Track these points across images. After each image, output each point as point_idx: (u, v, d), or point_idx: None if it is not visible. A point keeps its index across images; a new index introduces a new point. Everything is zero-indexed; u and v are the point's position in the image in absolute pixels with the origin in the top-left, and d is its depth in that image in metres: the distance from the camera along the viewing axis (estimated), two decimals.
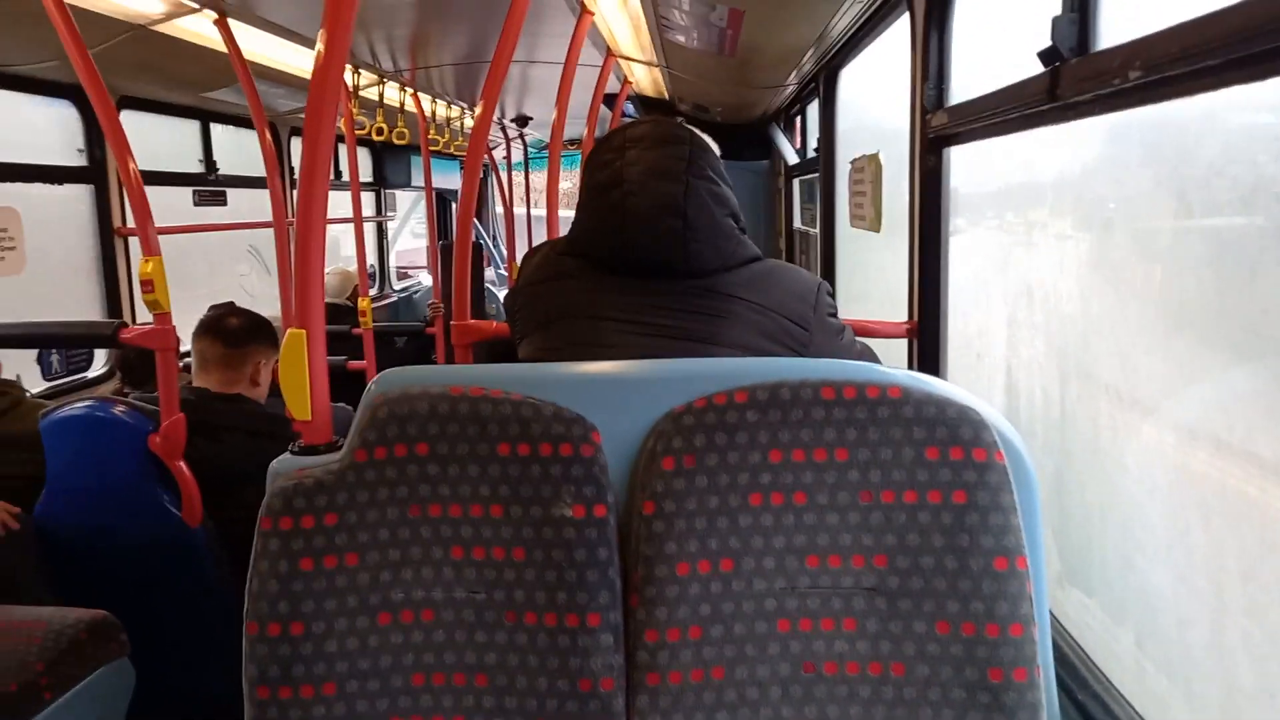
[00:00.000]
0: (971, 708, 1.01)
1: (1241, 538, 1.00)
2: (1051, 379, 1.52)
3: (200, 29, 2.87)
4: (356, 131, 4.01)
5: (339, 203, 4.87)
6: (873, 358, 1.44)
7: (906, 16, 1.97)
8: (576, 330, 1.29)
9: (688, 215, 1.25)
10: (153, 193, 2.15)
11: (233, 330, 2.35)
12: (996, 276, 1.79)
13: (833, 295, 1.37)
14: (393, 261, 7.23)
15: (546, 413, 1.07)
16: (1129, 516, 1.26)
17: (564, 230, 1.42)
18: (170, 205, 3.96)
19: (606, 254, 1.29)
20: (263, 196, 3.33)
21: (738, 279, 1.27)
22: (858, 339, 1.45)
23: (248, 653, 1.05)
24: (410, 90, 4.47)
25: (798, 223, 4.80)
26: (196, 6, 2.67)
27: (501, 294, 7.43)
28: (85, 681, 1.71)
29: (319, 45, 1.16)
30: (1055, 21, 1.24)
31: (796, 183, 4.78)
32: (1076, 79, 1.19)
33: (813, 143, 4.02)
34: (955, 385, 1.09)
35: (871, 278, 2.93)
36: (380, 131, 4.27)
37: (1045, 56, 1.28)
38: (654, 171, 1.28)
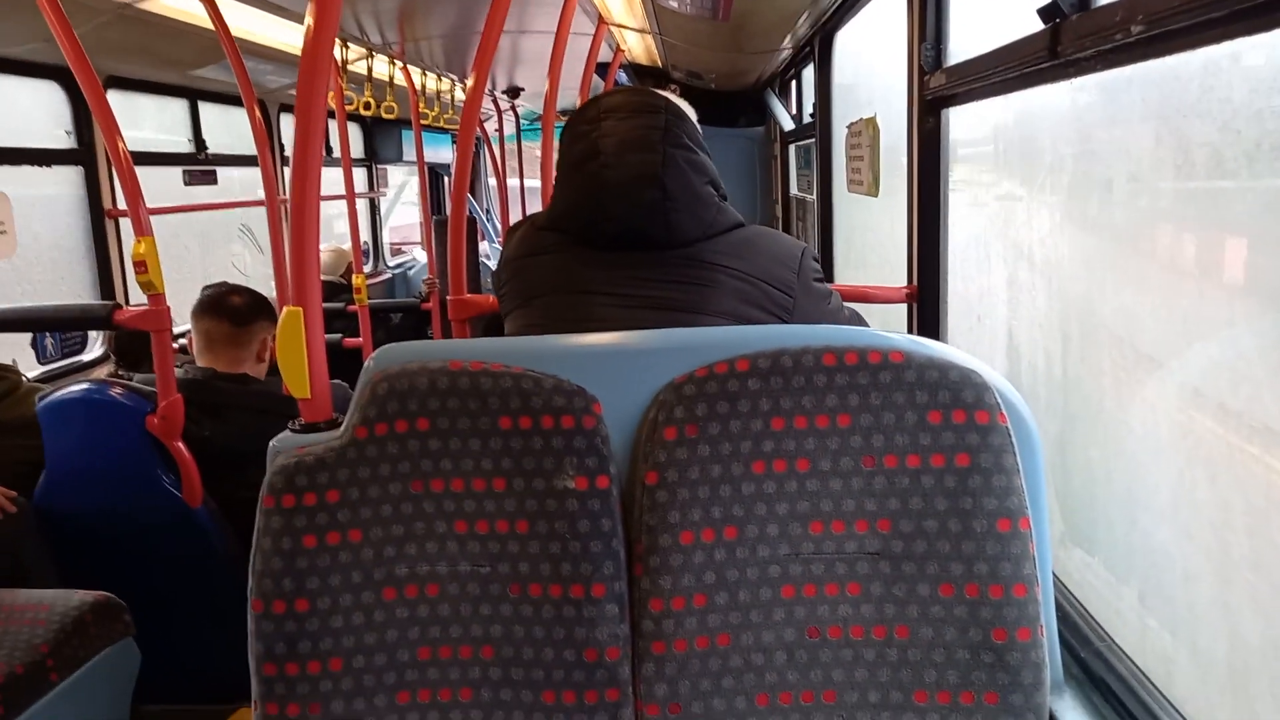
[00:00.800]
0: (976, 668, 1.02)
1: (1246, 493, 1.00)
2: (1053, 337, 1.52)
3: (187, 6, 2.82)
4: (346, 106, 3.96)
5: (331, 180, 4.83)
6: (861, 323, 1.43)
7: None
8: (560, 305, 1.28)
9: (666, 185, 1.24)
10: (143, 174, 2.13)
11: (238, 308, 2.34)
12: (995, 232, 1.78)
13: (818, 261, 1.36)
14: (387, 237, 7.19)
15: (547, 385, 1.07)
16: (1132, 474, 1.26)
17: None
18: (161, 186, 3.93)
19: (586, 227, 1.28)
20: (254, 175, 3.30)
21: (720, 247, 1.27)
22: (847, 305, 1.44)
23: (253, 630, 1.05)
24: (400, 63, 4.41)
25: (794, 189, 4.77)
26: None
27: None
28: (91, 662, 1.72)
29: (308, 19, 1.14)
30: None
31: (793, 149, 4.74)
32: (1077, 35, 1.17)
33: (809, 108, 3.99)
34: (956, 348, 1.09)
35: (871, 243, 2.92)
36: (369, 106, 4.23)
37: (1045, 13, 1.26)
38: (630, 142, 1.26)
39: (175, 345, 2.33)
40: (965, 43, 1.75)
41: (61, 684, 1.64)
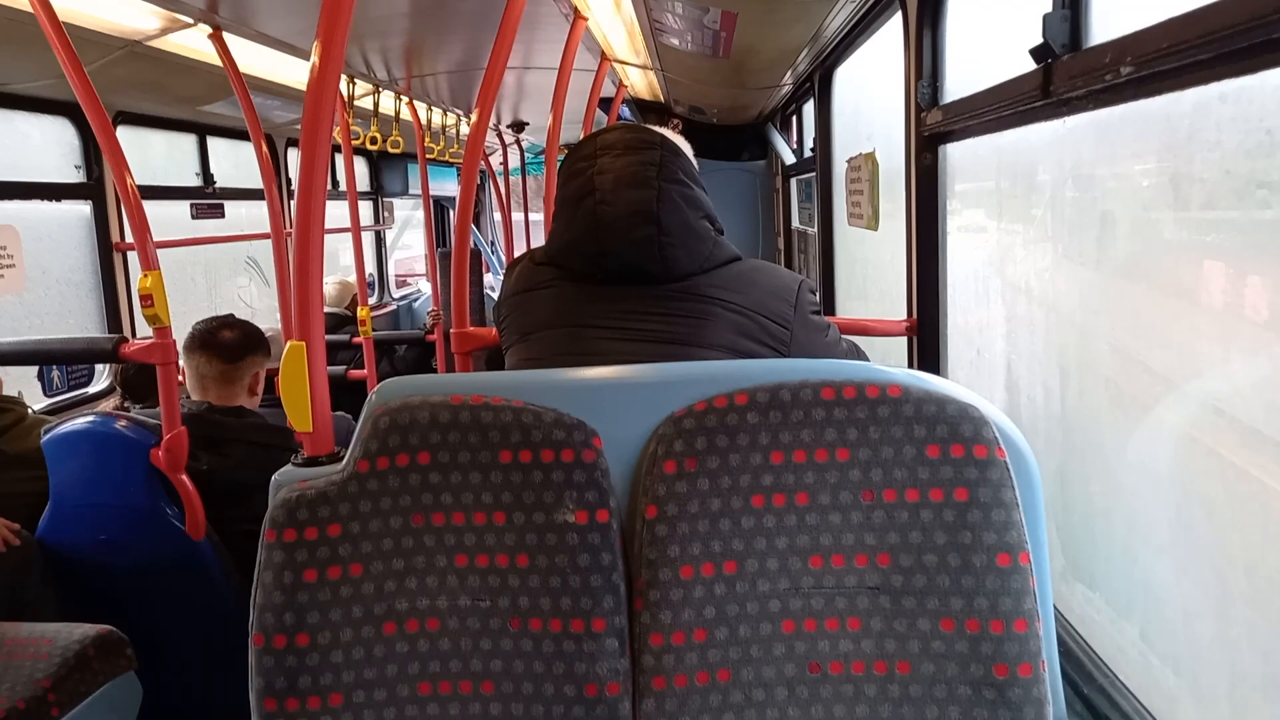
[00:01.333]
0: (977, 704, 1.01)
1: (1244, 530, 1.00)
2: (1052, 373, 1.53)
3: (195, 44, 2.87)
4: (352, 141, 4.01)
5: (336, 213, 4.88)
6: (861, 356, 1.44)
7: (900, 15, 1.98)
8: (558, 340, 1.29)
9: (661, 220, 1.26)
10: (151, 208, 2.16)
11: (228, 344, 2.34)
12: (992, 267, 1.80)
13: (815, 293, 1.37)
14: (392, 270, 7.24)
15: (547, 419, 1.07)
16: (1132, 510, 1.26)
17: None
18: (171, 219, 3.97)
19: (583, 263, 1.30)
20: (260, 208, 3.34)
21: (716, 280, 1.28)
22: (846, 337, 1.45)
23: (254, 664, 1.05)
24: (406, 98, 4.47)
25: (796, 222, 4.81)
26: (191, 22, 2.67)
27: None
28: (92, 697, 1.71)
29: (314, 57, 1.17)
30: (1046, 19, 1.25)
31: (794, 182, 4.78)
32: (1068, 75, 1.20)
33: (809, 142, 4.03)
34: (954, 383, 1.10)
35: (872, 276, 2.93)
36: (375, 140, 4.28)
37: (1037, 53, 1.28)
38: (625, 178, 1.28)
39: (181, 379, 2.34)
40: (961, 82, 1.78)
41: (63, 719, 1.63)
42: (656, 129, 1.39)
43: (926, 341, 1.95)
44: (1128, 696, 1.17)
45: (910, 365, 1.98)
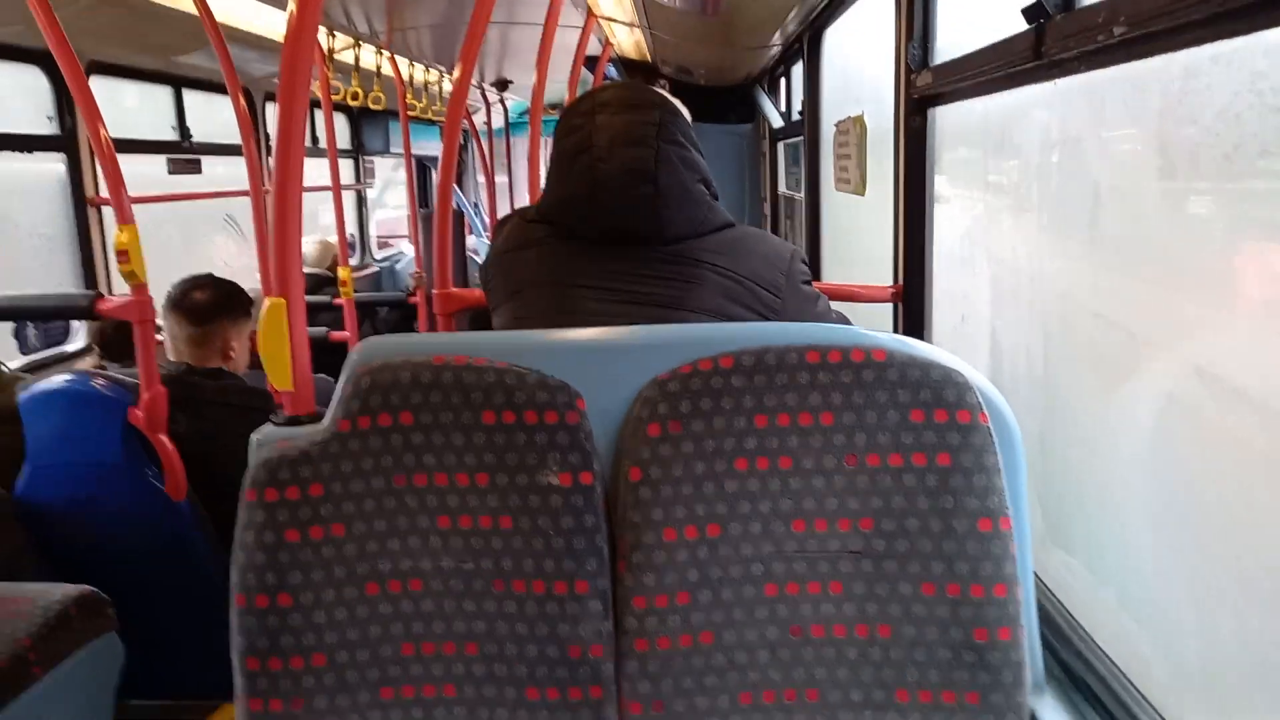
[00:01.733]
0: (957, 667, 1.03)
1: (1221, 496, 1.01)
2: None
3: None
4: (332, 96, 3.94)
5: (316, 171, 4.79)
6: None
7: None
8: (546, 298, 1.28)
9: (659, 181, 1.24)
10: (126, 163, 2.11)
11: (198, 306, 2.29)
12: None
13: (807, 263, 1.36)
14: (373, 230, 7.15)
15: (530, 380, 1.06)
16: (1111, 476, 1.27)
17: None
18: (145, 175, 3.89)
19: (576, 221, 1.28)
20: (238, 164, 3.28)
21: (709, 245, 1.26)
22: (834, 309, 1.44)
23: (236, 624, 1.05)
24: (387, 53, 4.38)
25: (783, 187, 4.78)
26: None
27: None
28: (74, 657, 1.70)
29: (290, 5, 1.13)
30: None
31: (781, 146, 4.74)
32: (1061, 35, 1.18)
33: (797, 105, 3.99)
34: (939, 348, 1.09)
35: (863, 242, 2.92)
36: (356, 96, 4.20)
37: (1029, 13, 1.26)
38: (624, 137, 1.26)
39: (158, 337, 2.30)
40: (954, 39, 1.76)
41: (44, 679, 1.63)
42: (656, 89, 1.37)
43: (912, 307, 1.95)
44: (1104, 660, 1.19)
45: (895, 331, 1.98)
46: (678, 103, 1.36)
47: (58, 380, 2.07)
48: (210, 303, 2.31)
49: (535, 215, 1.34)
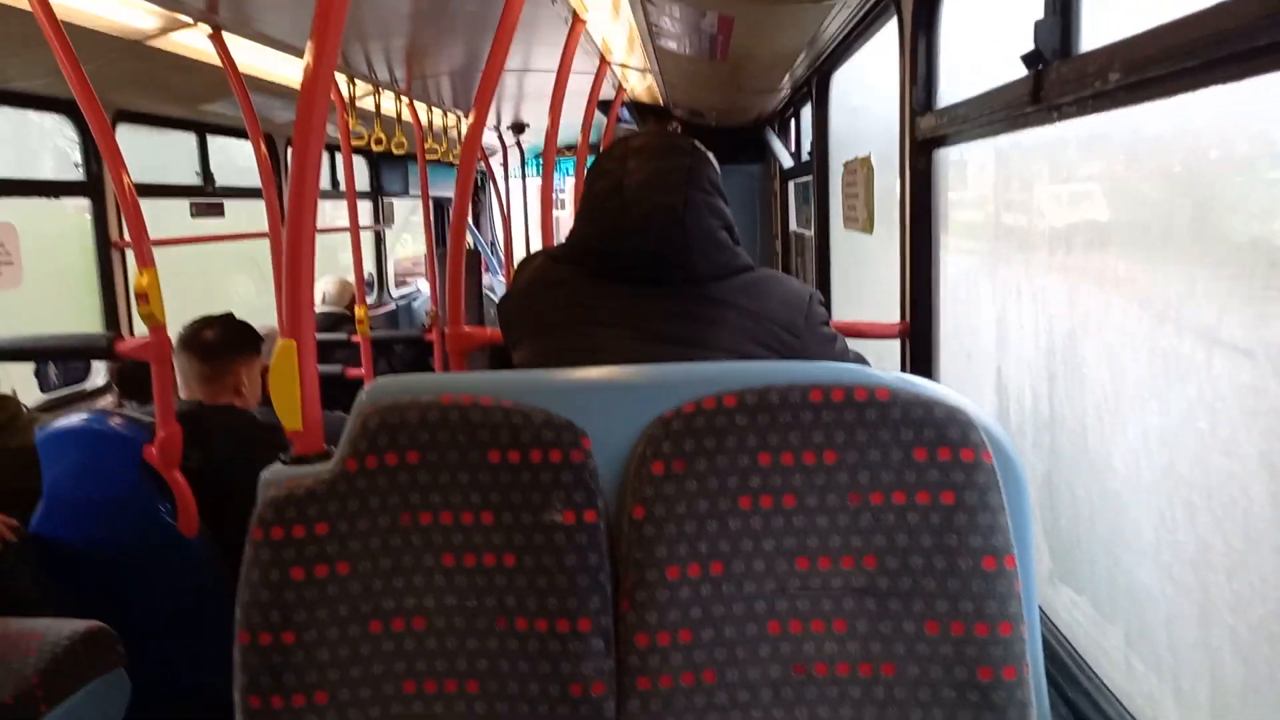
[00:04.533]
0: (961, 706, 1.02)
1: (1225, 534, 1.01)
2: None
3: (195, 43, 2.88)
4: (355, 142, 4.02)
5: (336, 212, 4.87)
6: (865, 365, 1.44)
7: (895, 21, 1.99)
8: (570, 336, 1.29)
9: (686, 225, 1.26)
10: (153, 205, 2.16)
11: (208, 344, 2.32)
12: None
13: (825, 305, 1.38)
14: (391, 270, 7.24)
15: (536, 419, 1.08)
16: (1117, 514, 1.26)
17: (560, 235, 1.42)
18: (172, 217, 3.97)
19: (602, 261, 1.30)
20: (260, 208, 3.35)
21: (730, 286, 1.29)
22: (851, 348, 1.46)
23: (239, 662, 1.06)
24: (406, 99, 4.48)
25: (793, 225, 4.81)
26: (191, 21, 2.68)
27: None
28: (80, 692, 1.71)
29: (307, 56, 1.17)
30: (1038, 25, 1.25)
31: (791, 185, 4.79)
32: (1059, 81, 1.20)
33: (807, 145, 4.03)
34: (943, 386, 1.10)
35: (869, 279, 2.94)
36: (380, 142, 4.28)
37: (1029, 60, 1.29)
38: (654, 182, 1.29)
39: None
40: (958, 86, 1.79)
41: (50, 714, 1.63)
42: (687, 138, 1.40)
43: (919, 344, 1.96)
44: (1111, 700, 1.17)
45: (903, 368, 1.99)
46: (707, 152, 1.39)
47: (75, 419, 2.10)
48: (220, 341, 2.34)
49: (561, 254, 1.37)
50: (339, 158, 4.67)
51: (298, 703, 1.05)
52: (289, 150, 4.95)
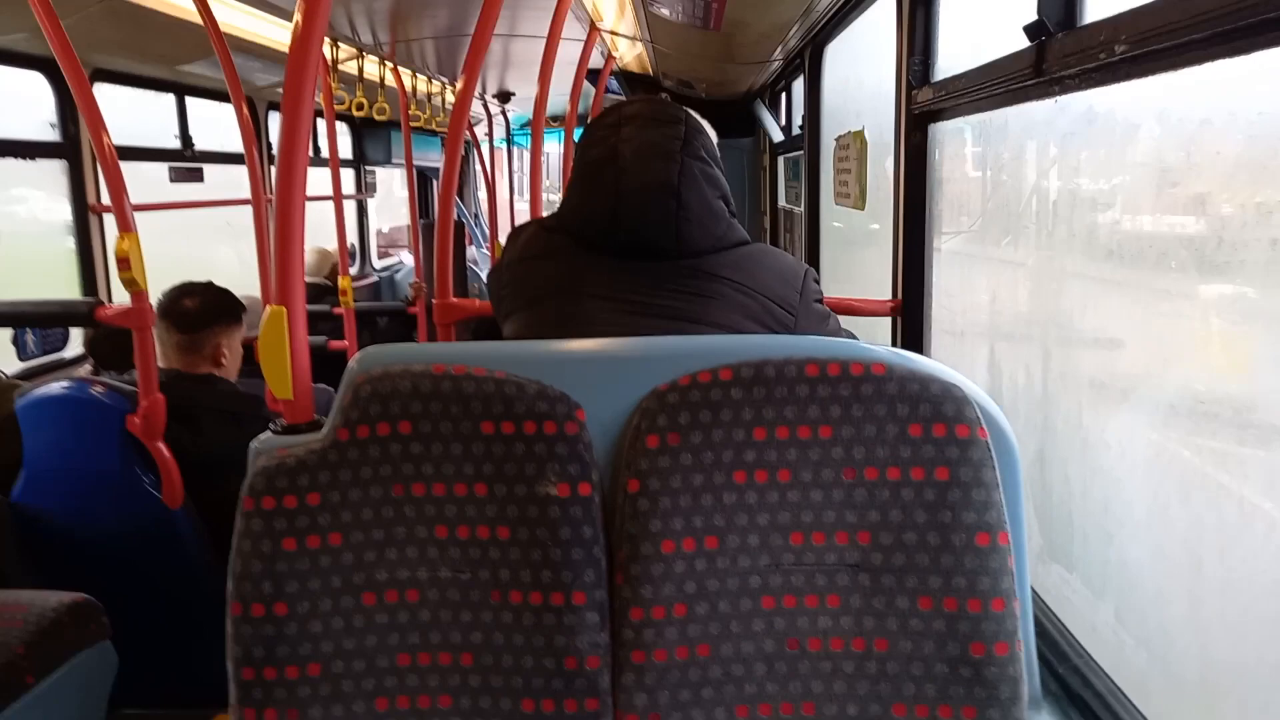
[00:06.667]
0: (954, 682, 1.02)
1: (1218, 513, 1.01)
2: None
3: (176, 0, 2.81)
4: (336, 107, 3.95)
5: (318, 180, 4.80)
6: None
7: None
8: (563, 308, 1.28)
9: (681, 195, 1.24)
10: (130, 170, 2.11)
11: (187, 313, 2.28)
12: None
13: (818, 282, 1.37)
14: (373, 240, 7.16)
15: (530, 391, 1.06)
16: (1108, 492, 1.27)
17: (546, 208, 1.40)
18: (149, 181, 3.89)
19: (596, 233, 1.28)
20: (240, 173, 3.29)
21: (725, 261, 1.27)
22: (843, 326, 1.45)
23: (232, 633, 1.04)
24: (390, 64, 4.40)
25: (782, 201, 4.79)
26: None
27: (484, 272, 7.38)
28: (67, 664, 1.69)
29: (296, 15, 1.14)
30: None
31: (781, 160, 4.76)
32: (1062, 54, 1.19)
33: (798, 120, 4.00)
34: (938, 362, 1.09)
35: (860, 256, 2.93)
36: (360, 107, 4.21)
37: (1031, 31, 1.27)
38: (649, 150, 1.26)
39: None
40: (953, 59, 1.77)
41: (37, 686, 1.62)
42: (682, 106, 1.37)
43: (910, 322, 1.95)
44: (1101, 676, 1.19)
45: (894, 345, 1.98)
46: (702, 120, 1.37)
47: (56, 387, 2.06)
48: (200, 310, 2.30)
49: (554, 224, 1.34)
50: (321, 124, 4.59)
51: (291, 675, 1.04)
52: (269, 114, 4.88)
